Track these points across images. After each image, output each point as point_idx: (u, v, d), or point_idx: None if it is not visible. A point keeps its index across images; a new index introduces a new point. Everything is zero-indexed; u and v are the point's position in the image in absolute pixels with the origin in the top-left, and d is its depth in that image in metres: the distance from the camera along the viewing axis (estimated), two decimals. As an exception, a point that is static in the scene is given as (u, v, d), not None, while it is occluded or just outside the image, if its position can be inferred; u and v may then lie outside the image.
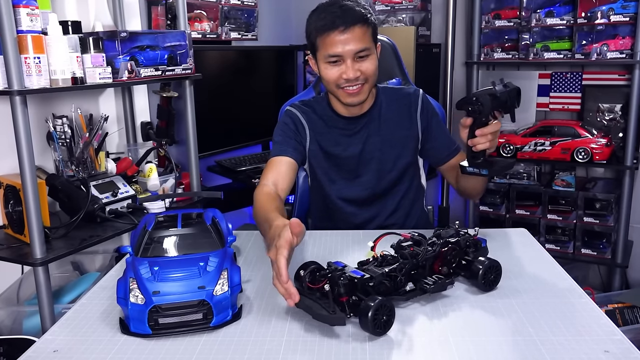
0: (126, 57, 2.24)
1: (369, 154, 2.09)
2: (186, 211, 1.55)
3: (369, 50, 1.92)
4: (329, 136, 2.10)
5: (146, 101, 3.05)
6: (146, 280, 1.29)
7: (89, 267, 2.67)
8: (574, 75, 3.64)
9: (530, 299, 1.40)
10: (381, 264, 1.38)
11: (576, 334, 1.22)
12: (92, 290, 1.54)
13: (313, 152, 2.11)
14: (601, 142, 3.34)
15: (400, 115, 2.11)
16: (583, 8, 3.35)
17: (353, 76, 1.90)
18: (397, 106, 2.12)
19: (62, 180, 2.29)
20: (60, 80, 2.04)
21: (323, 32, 1.90)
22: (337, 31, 1.87)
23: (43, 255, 1.99)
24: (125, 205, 2.42)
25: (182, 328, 1.28)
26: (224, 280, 1.32)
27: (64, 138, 2.36)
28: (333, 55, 1.90)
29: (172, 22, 2.91)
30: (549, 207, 3.64)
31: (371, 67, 1.94)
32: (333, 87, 1.97)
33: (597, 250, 3.54)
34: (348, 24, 1.86)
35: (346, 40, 1.87)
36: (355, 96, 1.96)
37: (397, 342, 1.22)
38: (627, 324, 2.87)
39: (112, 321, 1.34)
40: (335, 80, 1.94)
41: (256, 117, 3.66)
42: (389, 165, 2.10)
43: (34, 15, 1.95)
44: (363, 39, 1.89)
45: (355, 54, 1.89)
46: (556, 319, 1.29)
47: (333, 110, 2.11)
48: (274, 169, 1.99)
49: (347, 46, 1.88)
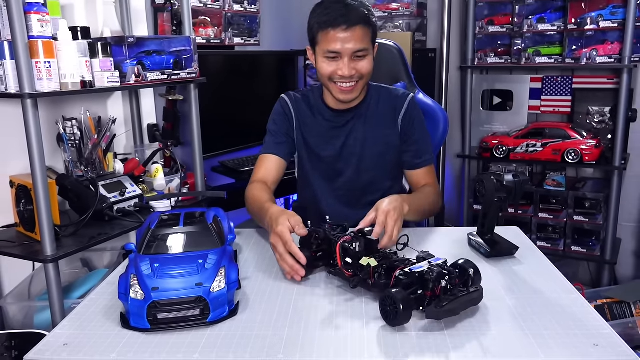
0: (133, 61, 2.24)
1: (350, 149, 2.09)
2: (189, 210, 1.56)
3: (366, 51, 1.92)
4: (314, 127, 2.12)
5: (152, 104, 3.05)
6: (146, 276, 1.30)
7: (98, 264, 2.67)
8: (565, 79, 3.64)
9: (523, 295, 1.40)
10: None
11: (567, 328, 1.22)
12: (101, 286, 1.55)
13: (299, 143, 2.14)
14: (591, 144, 3.34)
15: (386, 115, 2.10)
16: (573, 14, 3.36)
17: (348, 74, 1.90)
18: (385, 106, 2.11)
19: (71, 180, 2.29)
20: (70, 84, 2.04)
21: (325, 28, 1.89)
22: (339, 29, 1.86)
23: (53, 253, 1.99)
24: (133, 204, 2.42)
25: (180, 323, 1.28)
26: (221, 277, 1.32)
27: (73, 140, 2.36)
28: (332, 51, 1.90)
29: (178, 28, 2.91)
30: (540, 206, 3.64)
31: (367, 66, 1.94)
32: (326, 80, 1.97)
33: (586, 248, 3.54)
34: (350, 23, 1.86)
35: (346, 39, 1.87)
36: (349, 93, 1.97)
37: (392, 337, 1.22)
38: (615, 318, 2.87)
39: (120, 316, 1.34)
40: (330, 75, 1.94)
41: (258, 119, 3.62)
42: (370, 162, 2.10)
43: (45, 21, 1.95)
44: (363, 40, 1.89)
45: (353, 53, 1.89)
46: (547, 314, 1.29)
47: (324, 101, 2.12)
48: (263, 167, 2.09)
49: (347, 45, 1.87)
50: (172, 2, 2.92)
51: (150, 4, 2.97)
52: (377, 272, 1.36)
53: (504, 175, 1.59)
